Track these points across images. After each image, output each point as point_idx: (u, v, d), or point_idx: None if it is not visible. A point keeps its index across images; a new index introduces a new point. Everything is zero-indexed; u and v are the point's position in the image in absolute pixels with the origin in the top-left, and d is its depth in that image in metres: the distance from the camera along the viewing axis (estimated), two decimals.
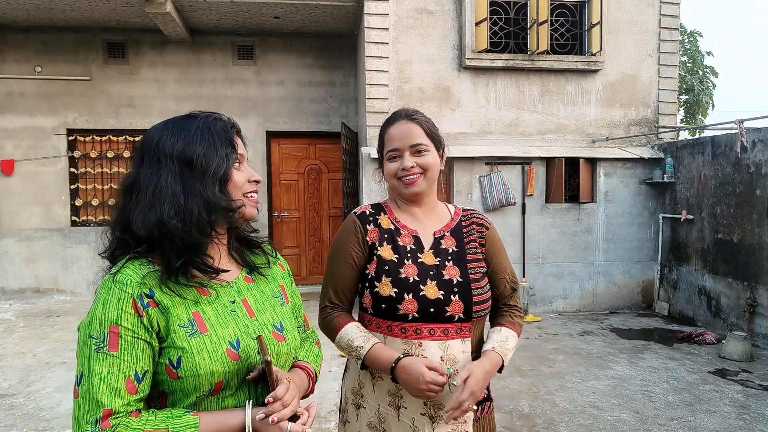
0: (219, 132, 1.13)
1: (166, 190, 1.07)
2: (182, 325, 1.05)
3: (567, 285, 6.77)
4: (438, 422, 1.47)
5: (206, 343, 1.05)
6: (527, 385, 4.29)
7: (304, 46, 8.01)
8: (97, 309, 1.02)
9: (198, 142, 1.10)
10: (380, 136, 1.62)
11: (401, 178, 1.54)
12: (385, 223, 1.58)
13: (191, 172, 1.09)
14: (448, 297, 1.48)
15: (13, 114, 7.56)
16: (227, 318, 1.11)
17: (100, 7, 6.77)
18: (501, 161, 6.55)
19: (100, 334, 1.00)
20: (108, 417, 0.96)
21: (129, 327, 1.00)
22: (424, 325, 1.47)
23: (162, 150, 1.10)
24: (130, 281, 1.03)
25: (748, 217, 5.42)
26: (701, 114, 18.69)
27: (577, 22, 6.84)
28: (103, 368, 0.98)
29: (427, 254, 1.54)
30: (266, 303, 1.21)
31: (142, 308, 1.02)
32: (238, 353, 1.08)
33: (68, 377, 4.50)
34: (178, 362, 1.03)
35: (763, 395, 4.07)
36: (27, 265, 7.62)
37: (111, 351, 0.99)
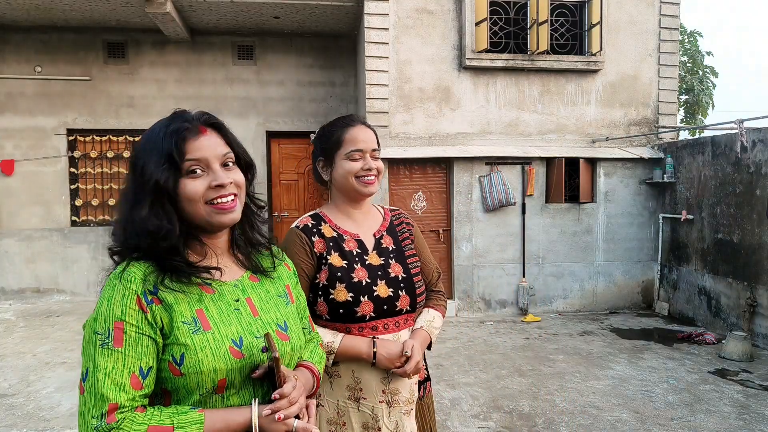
0: (167, 137, 1.08)
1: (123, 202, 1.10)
2: (185, 322, 1.05)
3: (567, 285, 6.77)
4: (393, 407, 1.61)
5: (209, 341, 1.05)
6: (527, 385, 4.29)
7: (304, 46, 8.01)
8: (102, 305, 1.03)
9: (145, 150, 1.08)
10: (333, 138, 1.65)
11: (361, 178, 1.62)
12: (327, 231, 1.64)
13: (134, 183, 1.08)
14: (397, 293, 1.62)
15: (13, 114, 7.56)
16: (230, 316, 1.11)
17: (100, 7, 6.77)
18: (501, 161, 6.55)
19: (104, 330, 1.00)
20: (113, 411, 0.96)
21: (133, 323, 1.01)
22: (379, 321, 1.60)
23: (130, 156, 1.14)
24: (134, 278, 1.04)
25: (748, 217, 5.42)
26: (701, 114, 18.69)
27: (577, 22, 6.85)
28: (108, 363, 0.98)
29: (372, 255, 1.65)
30: (271, 302, 1.21)
31: (146, 304, 1.02)
32: (241, 351, 1.08)
33: (68, 377, 4.50)
34: (181, 359, 1.03)
35: (763, 395, 4.07)
36: (27, 265, 7.62)
37: (115, 347, 0.99)
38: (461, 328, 5.99)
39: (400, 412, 1.62)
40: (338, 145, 1.64)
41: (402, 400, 1.62)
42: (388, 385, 1.60)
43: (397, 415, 1.61)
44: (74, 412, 3.82)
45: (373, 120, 6.47)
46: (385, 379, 1.60)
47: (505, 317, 6.51)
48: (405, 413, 1.63)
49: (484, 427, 3.57)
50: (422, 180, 6.58)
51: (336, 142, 1.64)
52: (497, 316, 6.55)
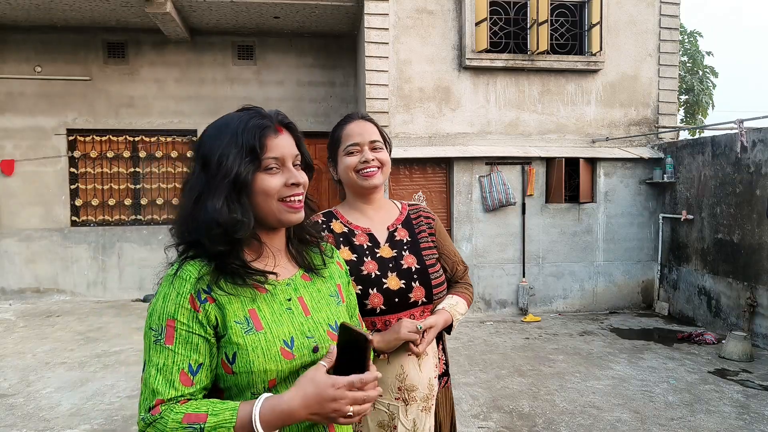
0: (247, 133, 1.08)
1: (189, 195, 1.09)
2: (238, 322, 1.06)
3: (567, 285, 6.77)
4: (410, 404, 1.57)
5: (261, 341, 1.06)
6: (527, 385, 4.29)
7: (304, 46, 8.01)
8: (157, 302, 1.06)
9: (221, 143, 1.08)
10: (333, 137, 1.68)
11: (360, 171, 1.61)
12: (337, 227, 1.64)
13: (207, 176, 1.07)
14: (410, 284, 1.59)
15: (13, 114, 7.56)
16: (282, 316, 1.11)
17: (100, 7, 6.77)
18: (501, 161, 6.55)
19: (158, 327, 1.03)
20: (159, 405, 1.00)
21: (184, 321, 1.03)
22: (391, 316, 1.57)
23: (199, 149, 1.12)
24: (189, 277, 1.05)
25: (748, 217, 5.42)
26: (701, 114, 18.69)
27: (577, 22, 6.85)
28: (160, 360, 1.02)
29: (384, 248, 1.64)
30: (322, 301, 1.20)
31: (199, 303, 1.04)
32: (291, 352, 1.08)
33: (68, 377, 4.50)
34: (233, 358, 1.05)
35: (763, 395, 4.07)
36: (27, 265, 7.62)
37: (167, 344, 1.02)
38: (461, 328, 5.99)
39: (417, 409, 1.59)
40: (338, 142, 1.66)
41: (419, 396, 1.58)
42: (404, 382, 1.57)
43: (415, 413, 1.58)
44: (74, 412, 3.82)
45: None
46: (401, 375, 1.57)
47: (505, 317, 6.51)
48: (423, 410, 1.60)
49: (484, 427, 3.57)
50: (422, 180, 6.58)
51: (336, 140, 1.66)
52: (497, 316, 6.55)
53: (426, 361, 1.61)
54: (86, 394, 4.12)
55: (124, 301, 7.55)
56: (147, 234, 7.81)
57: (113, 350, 5.25)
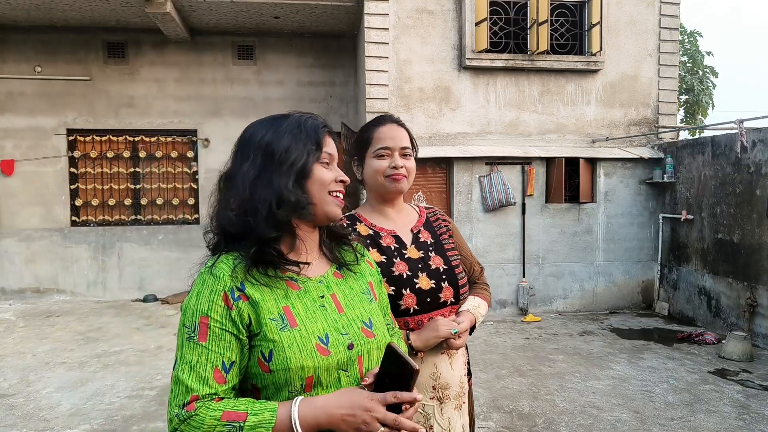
0: (308, 129, 1.15)
1: (243, 183, 1.11)
2: (273, 319, 1.07)
3: (567, 285, 6.77)
4: (444, 402, 1.59)
5: (296, 337, 1.07)
6: (527, 385, 4.29)
7: (304, 46, 8.01)
8: (191, 300, 1.07)
9: (284, 136, 1.14)
10: (364, 137, 1.66)
11: (389, 176, 1.61)
12: (363, 230, 1.64)
13: (270, 164, 1.11)
14: (440, 284, 1.61)
15: (13, 114, 7.57)
16: (316, 313, 1.12)
17: (100, 7, 6.77)
18: (501, 161, 6.55)
19: (191, 324, 1.05)
20: (194, 401, 1.00)
21: (218, 319, 1.04)
22: (423, 315, 1.58)
23: (252, 143, 1.14)
24: (223, 274, 1.07)
25: (748, 217, 5.42)
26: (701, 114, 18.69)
27: (577, 22, 6.85)
28: (193, 357, 1.03)
29: (411, 249, 1.64)
30: (355, 299, 1.21)
31: (233, 301, 1.05)
32: (327, 348, 1.09)
33: (68, 377, 4.50)
34: (270, 355, 1.05)
35: (763, 395, 4.07)
36: (27, 265, 7.62)
37: (200, 341, 1.03)
38: None
39: (451, 407, 1.60)
40: (367, 143, 1.64)
41: (452, 395, 1.60)
42: (438, 380, 1.58)
43: (449, 411, 1.59)
44: (74, 412, 3.82)
45: None
46: (435, 374, 1.58)
47: (505, 317, 6.51)
48: (456, 408, 1.61)
49: (484, 427, 3.57)
50: (422, 180, 6.58)
51: (366, 140, 1.65)
52: (497, 316, 6.55)
53: (456, 360, 1.63)
54: (86, 394, 4.12)
55: (124, 301, 7.55)
56: (147, 234, 7.81)
57: (113, 350, 5.25)
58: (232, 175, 1.14)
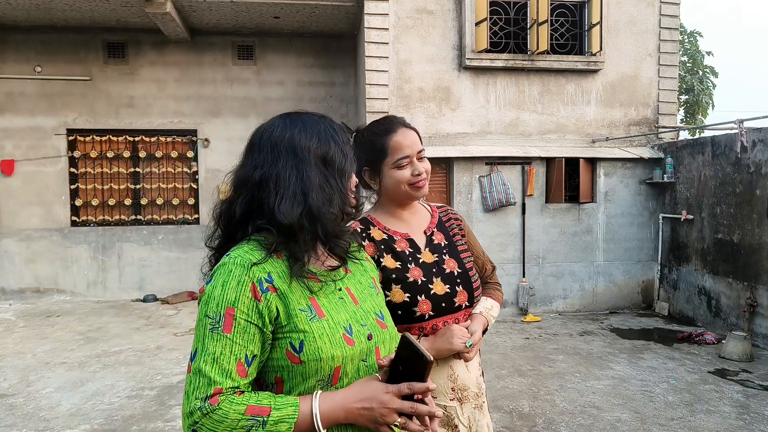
0: (343, 136, 1.22)
1: (313, 182, 1.13)
2: (302, 310, 1.08)
3: (567, 285, 6.77)
4: (464, 403, 1.59)
5: (325, 328, 1.08)
6: (527, 385, 4.29)
7: (304, 46, 8.01)
8: (215, 289, 1.05)
9: (329, 141, 1.18)
10: (376, 146, 1.61)
11: (413, 184, 1.59)
12: (377, 235, 1.62)
13: (328, 168, 1.16)
14: (454, 289, 1.59)
15: (13, 114, 7.56)
16: (338, 304, 1.14)
17: (100, 7, 6.77)
18: (501, 161, 6.55)
19: (216, 314, 1.03)
20: (217, 394, 0.99)
21: (244, 310, 1.03)
22: (438, 320, 1.57)
23: (299, 145, 1.15)
24: (250, 265, 1.06)
25: (748, 217, 5.42)
26: (701, 114, 18.69)
27: (577, 22, 6.85)
28: (217, 348, 1.01)
29: (425, 253, 1.63)
30: (365, 292, 1.24)
31: (261, 293, 1.05)
32: (351, 338, 1.11)
33: (68, 377, 4.50)
34: (301, 346, 1.05)
35: (763, 395, 4.07)
36: (27, 265, 7.62)
37: (225, 332, 1.02)
38: None
39: (471, 407, 1.60)
40: (383, 154, 1.59)
41: (471, 395, 1.60)
42: (456, 382, 1.58)
43: (470, 411, 1.60)
44: (74, 412, 3.82)
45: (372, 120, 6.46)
46: (452, 376, 1.58)
47: (505, 317, 6.51)
48: (476, 407, 1.62)
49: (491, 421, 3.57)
50: None
51: (381, 151, 1.60)
52: (497, 316, 6.54)
53: (473, 362, 1.64)
54: (86, 394, 4.12)
55: (124, 301, 7.55)
56: (147, 234, 7.81)
57: (113, 350, 5.25)
58: (277, 174, 1.13)
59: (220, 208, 1.19)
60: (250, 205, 1.13)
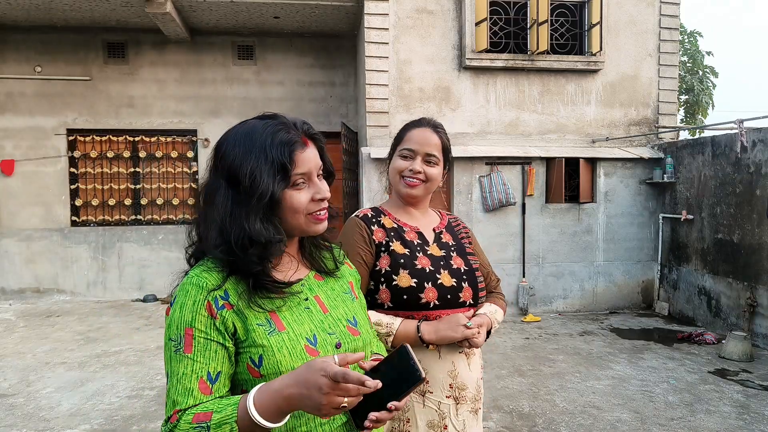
0: (275, 151, 1.06)
1: (218, 212, 1.07)
2: (260, 324, 1.06)
3: (567, 285, 6.76)
4: (461, 404, 1.57)
5: (285, 341, 1.06)
6: (527, 385, 4.29)
7: (304, 46, 8.01)
8: (175, 312, 1.06)
9: (250, 160, 1.06)
10: (400, 133, 1.70)
11: (405, 178, 1.63)
12: (387, 223, 1.66)
13: (238, 194, 1.06)
14: (460, 284, 1.61)
15: (13, 114, 7.57)
16: (302, 315, 1.12)
17: (100, 7, 6.77)
18: (501, 161, 6.55)
19: (177, 336, 1.04)
20: (176, 413, 1.01)
21: (202, 329, 1.03)
22: (443, 311, 1.57)
23: (224, 160, 1.10)
24: (206, 284, 1.05)
25: (748, 217, 5.42)
26: (701, 114, 18.69)
27: (577, 22, 6.85)
28: (179, 369, 1.02)
29: (433, 247, 1.65)
30: (338, 299, 1.22)
31: (216, 310, 1.04)
32: (315, 349, 1.09)
33: (68, 377, 4.50)
34: (260, 360, 1.04)
35: (763, 395, 4.07)
36: (27, 265, 7.62)
37: (186, 353, 1.02)
38: None
39: (466, 410, 1.58)
40: (398, 141, 1.69)
41: (469, 396, 1.58)
42: (455, 379, 1.56)
43: (464, 414, 1.57)
44: (74, 412, 3.82)
45: (372, 120, 6.47)
46: (453, 372, 1.56)
47: (505, 317, 6.48)
48: (471, 411, 1.60)
49: (484, 427, 3.57)
50: None
51: (398, 138, 1.70)
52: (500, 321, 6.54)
53: (474, 361, 1.63)
54: (86, 394, 4.12)
55: (124, 301, 7.55)
56: (147, 234, 7.81)
57: (113, 350, 5.25)
58: (207, 193, 1.11)
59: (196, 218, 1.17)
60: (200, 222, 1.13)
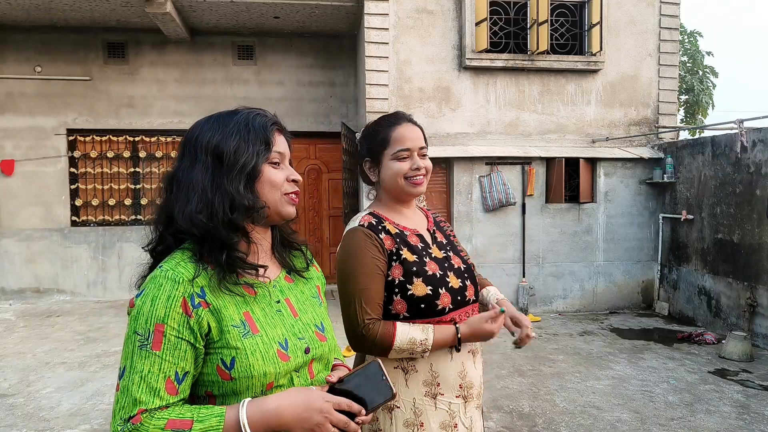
0: (256, 128, 1.11)
1: (196, 185, 1.06)
2: (235, 326, 1.03)
3: (567, 285, 6.76)
4: (468, 401, 1.58)
5: (258, 344, 1.04)
6: (527, 385, 4.29)
7: (304, 46, 8.01)
8: (144, 305, 1.00)
9: (232, 137, 1.09)
10: (379, 137, 1.62)
11: (410, 178, 1.59)
12: (391, 228, 1.61)
13: (221, 167, 1.07)
14: (464, 283, 1.62)
15: (13, 114, 7.56)
16: (275, 318, 1.10)
17: (100, 7, 6.77)
18: (501, 161, 6.55)
19: (145, 331, 0.98)
20: (140, 414, 0.95)
21: (175, 327, 0.99)
22: (455, 313, 1.58)
23: (199, 144, 1.09)
24: (182, 279, 1.01)
25: (748, 217, 5.42)
26: (701, 114, 18.69)
27: (577, 22, 6.85)
28: (145, 366, 0.97)
29: (434, 249, 1.64)
30: (306, 303, 1.20)
31: (192, 308, 1.00)
32: (287, 353, 1.07)
33: (68, 377, 4.50)
34: (232, 363, 1.02)
35: (763, 395, 4.07)
36: (27, 265, 7.62)
37: (154, 350, 0.97)
38: None
39: (473, 407, 1.59)
40: (384, 144, 1.60)
41: (474, 394, 1.60)
42: (464, 379, 1.57)
43: (472, 411, 1.59)
44: (74, 412, 3.82)
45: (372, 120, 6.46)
46: (462, 372, 1.56)
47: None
48: (477, 408, 1.62)
49: (484, 427, 3.57)
50: None
51: (382, 141, 1.61)
52: None
53: (478, 359, 1.64)
54: (86, 394, 4.12)
55: (124, 301, 7.54)
56: (147, 234, 7.70)
57: (113, 350, 5.25)
58: (180, 176, 1.08)
59: (156, 212, 1.14)
60: (168, 209, 1.09)
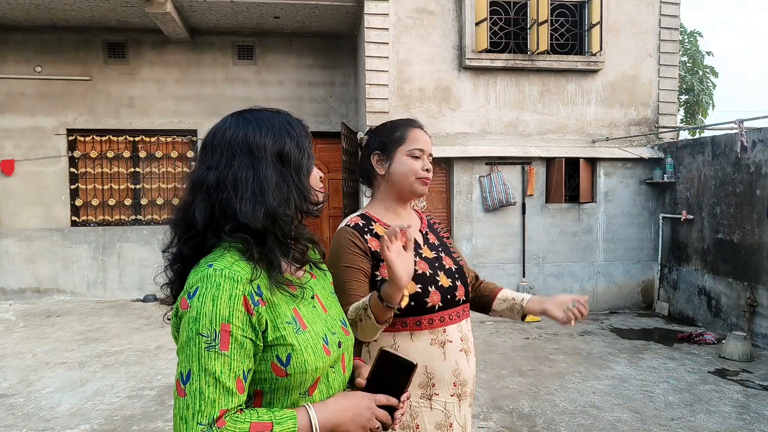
0: (300, 130, 1.17)
1: (269, 181, 1.08)
2: (289, 322, 1.06)
3: (567, 285, 6.76)
4: (462, 400, 1.61)
5: (309, 340, 1.07)
6: (527, 385, 4.29)
7: (304, 46, 8.01)
8: (205, 305, 0.98)
9: (285, 137, 1.13)
10: (396, 134, 1.68)
11: (420, 178, 1.65)
12: (379, 230, 1.64)
13: (284, 166, 1.11)
14: (455, 283, 1.64)
15: (13, 114, 7.56)
16: (313, 314, 1.13)
17: (100, 7, 6.77)
18: (501, 161, 6.55)
19: (210, 332, 0.97)
20: (223, 416, 0.96)
21: (239, 326, 0.99)
22: (445, 312, 1.60)
23: (254, 143, 1.09)
24: (241, 278, 1.01)
25: (748, 217, 5.42)
26: (701, 114, 18.68)
27: (577, 22, 6.85)
28: (216, 367, 0.96)
29: (425, 249, 1.67)
30: (330, 298, 1.24)
31: (253, 306, 1.01)
32: (328, 348, 1.11)
33: (68, 377, 4.50)
34: (288, 359, 1.04)
35: (763, 395, 4.07)
36: (27, 265, 7.62)
37: (222, 350, 0.97)
38: None
39: (466, 405, 1.62)
40: (401, 141, 1.66)
41: (468, 392, 1.62)
42: (458, 377, 1.59)
43: (465, 409, 1.62)
44: (74, 412, 3.82)
45: (372, 120, 6.47)
46: (456, 371, 1.58)
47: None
48: (469, 406, 1.65)
49: (484, 427, 3.57)
50: None
51: (399, 138, 1.67)
52: None
53: (471, 357, 1.65)
54: (86, 394, 4.12)
55: (124, 301, 7.55)
56: (147, 234, 7.81)
57: (113, 350, 5.25)
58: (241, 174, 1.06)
59: (176, 214, 1.13)
60: (211, 209, 1.06)
